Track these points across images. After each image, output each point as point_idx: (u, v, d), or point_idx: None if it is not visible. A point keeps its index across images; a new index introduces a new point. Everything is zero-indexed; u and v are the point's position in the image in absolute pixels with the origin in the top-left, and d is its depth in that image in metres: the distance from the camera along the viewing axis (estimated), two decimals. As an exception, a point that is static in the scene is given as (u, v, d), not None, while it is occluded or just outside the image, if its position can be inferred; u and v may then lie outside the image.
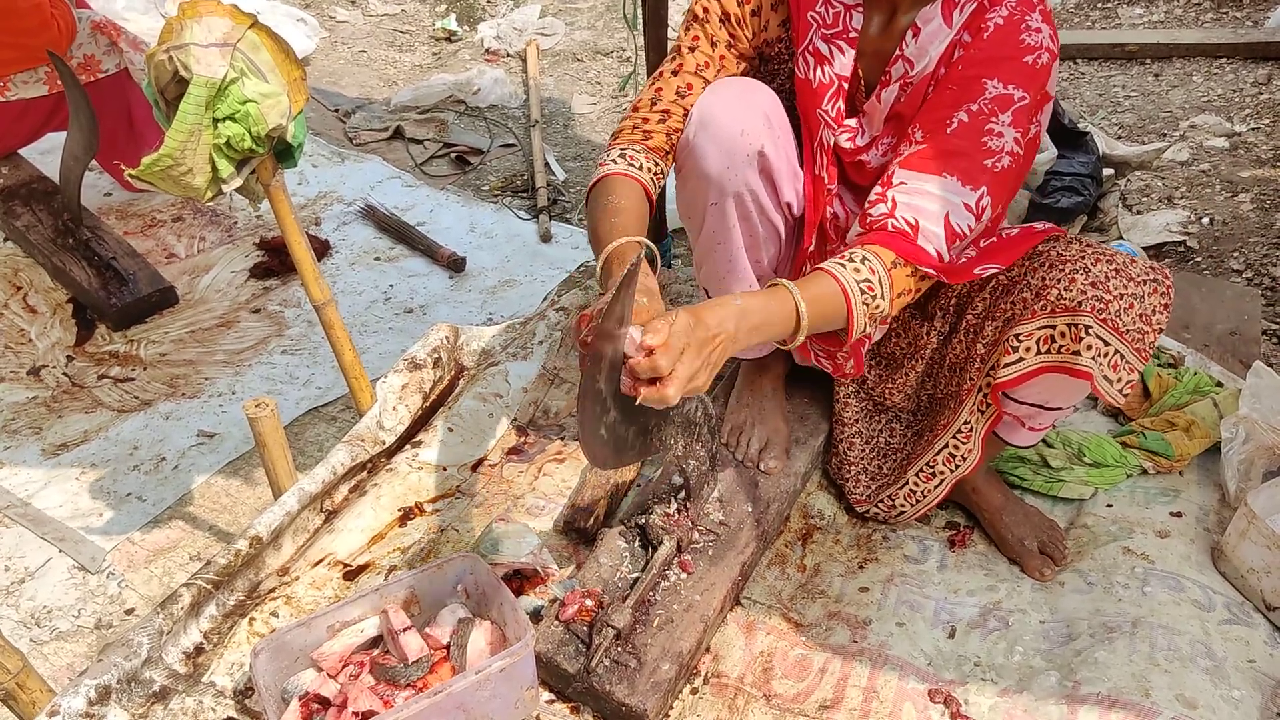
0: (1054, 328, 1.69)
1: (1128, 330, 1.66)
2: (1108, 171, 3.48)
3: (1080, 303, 1.66)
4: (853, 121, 1.81)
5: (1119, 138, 3.92)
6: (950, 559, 2.02)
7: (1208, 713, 1.65)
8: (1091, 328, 1.65)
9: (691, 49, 1.83)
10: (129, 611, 2.09)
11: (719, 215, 1.84)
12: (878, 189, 1.69)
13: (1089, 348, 1.65)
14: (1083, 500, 2.12)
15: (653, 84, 1.85)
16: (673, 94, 1.82)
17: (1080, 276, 1.67)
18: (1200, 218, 3.35)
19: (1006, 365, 1.74)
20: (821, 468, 2.21)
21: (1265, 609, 1.86)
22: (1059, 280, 1.68)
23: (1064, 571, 1.97)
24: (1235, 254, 3.14)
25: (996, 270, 1.73)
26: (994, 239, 1.80)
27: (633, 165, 1.78)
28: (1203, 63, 4.41)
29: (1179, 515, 2.04)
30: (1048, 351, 1.70)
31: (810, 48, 1.76)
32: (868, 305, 1.58)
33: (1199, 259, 3.15)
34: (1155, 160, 3.62)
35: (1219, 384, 2.30)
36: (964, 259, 1.74)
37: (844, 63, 1.75)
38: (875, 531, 2.09)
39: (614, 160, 1.78)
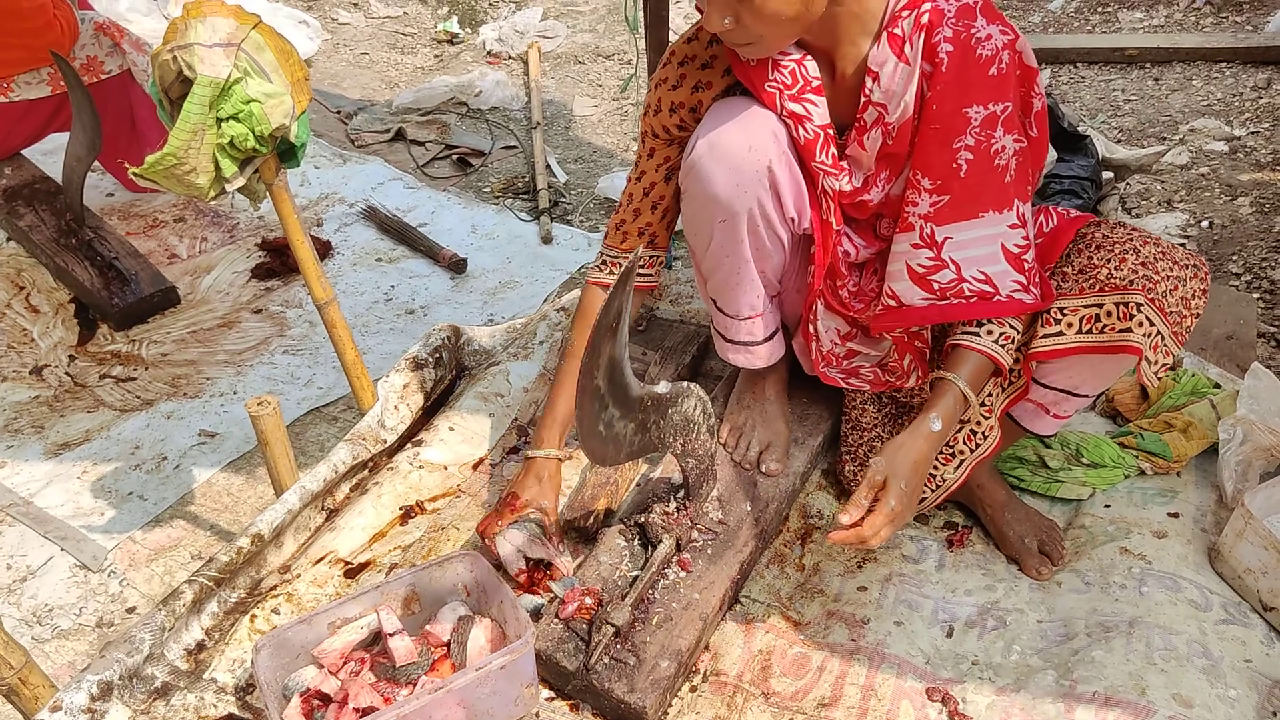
0: (1100, 306, 1.71)
1: (1171, 312, 1.69)
2: (1107, 175, 3.49)
3: (1131, 281, 1.68)
4: (843, 163, 1.82)
5: (1118, 141, 3.93)
6: (948, 559, 2.03)
7: (1204, 711, 1.65)
8: (1142, 306, 1.67)
9: (650, 157, 1.97)
10: (130, 610, 2.10)
11: (728, 231, 1.85)
12: (928, 254, 1.73)
13: (1140, 325, 1.68)
14: (1080, 501, 2.13)
15: (623, 195, 2.02)
16: (640, 195, 1.99)
17: (1131, 257, 1.70)
18: (1199, 221, 3.35)
19: (1046, 336, 1.77)
20: (822, 466, 2.22)
21: (1262, 609, 1.86)
22: (1108, 260, 1.72)
23: (1061, 571, 1.97)
24: (1234, 257, 3.15)
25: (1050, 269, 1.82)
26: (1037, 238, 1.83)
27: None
28: (1202, 67, 4.41)
29: (1176, 516, 2.05)
30: (1089, 332, 1.73)
31: (787, 113, 1.77)
32: (1007, 349, 1.74)
33: (1198, 262, 3.16)
34: (1155, 164, 3.63)
35: (1217, 385, 2.30)
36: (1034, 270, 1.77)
37: (821, 113, 1.77)
38: (874, 531, 2.09)
39: (600, 266, 2.07)
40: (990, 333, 1.72)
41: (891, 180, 1.80)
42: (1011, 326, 1.74)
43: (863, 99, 1.72)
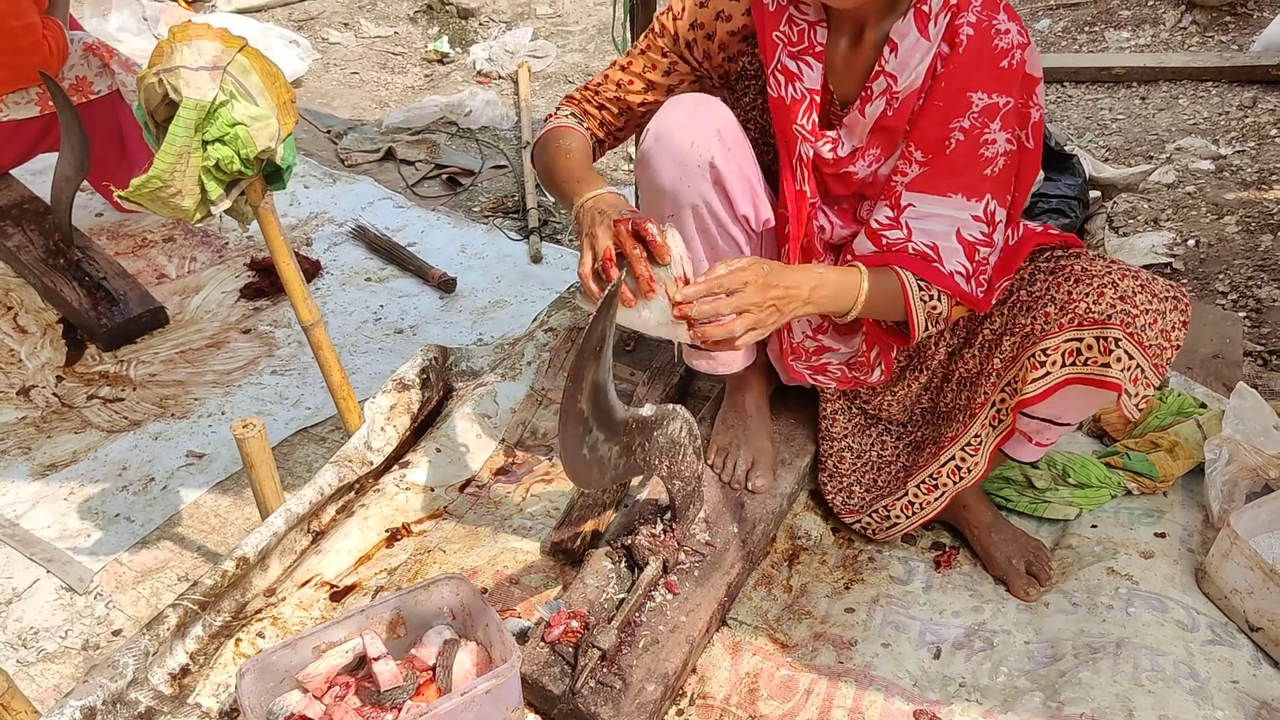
0: (1081, 340, 1.71)
1: (1150, 345, 1.69)
2: (1094, 194, 3.51)
3: (1110, 316, 1.68)
4: (832, 133, 1.83)
5: (1106, 160, 3.94)
6: (936, 580, 2.03)
7: (1191, 733, 1.66)
8: (1121, 340, 1.67)
9: (643, 52, 1.92)
10: (116, 632, 2.09)
11: (677, 227, 1.84)
12: (888, 213, 1.76)
13: (1118, 360, 1.68)
14: (1067, 521, 2.13)
15: (604, 72, 1.96)
16: (612, 88, 1.94)
17: (1109, 291, 1.70)
18: (1186, 240, 3.37)
19: (1033, 381, 1.76)
20: (809, 487, 2.22)
21: (1248, 629, 1.87)
22: (1086, 294, 1.71)
23: (1049, 592, 1.97)
24: (1220, 276, 3.16)
25: (1010, 283, 1.84)
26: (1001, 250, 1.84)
27: (581, 124, 1.95)
28: (1189, 86, 4.44)
29: (1163, 536, 2.05)
30: (1073, 364, 1.73)
31: (779, 66, 1.78)
32: (925, 303, 1.73)
33: (1185, 281, 3.17)
34: (1141, 183, 3.65)
35: (1203, 405, 2.31)
36: (984, 269, 1.78)
37: (813, 77, 1.78)
38: (861, 552, 2.09)
39: (566, 116, 1.95)
40: (922, 287, 1.73)
41: (881, 159, 1.81)
42: (943, 303, 1.74)
43: (876, 68, 1.74)
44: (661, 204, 1.84)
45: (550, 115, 1.97)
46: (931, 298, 1.73)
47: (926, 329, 1.76)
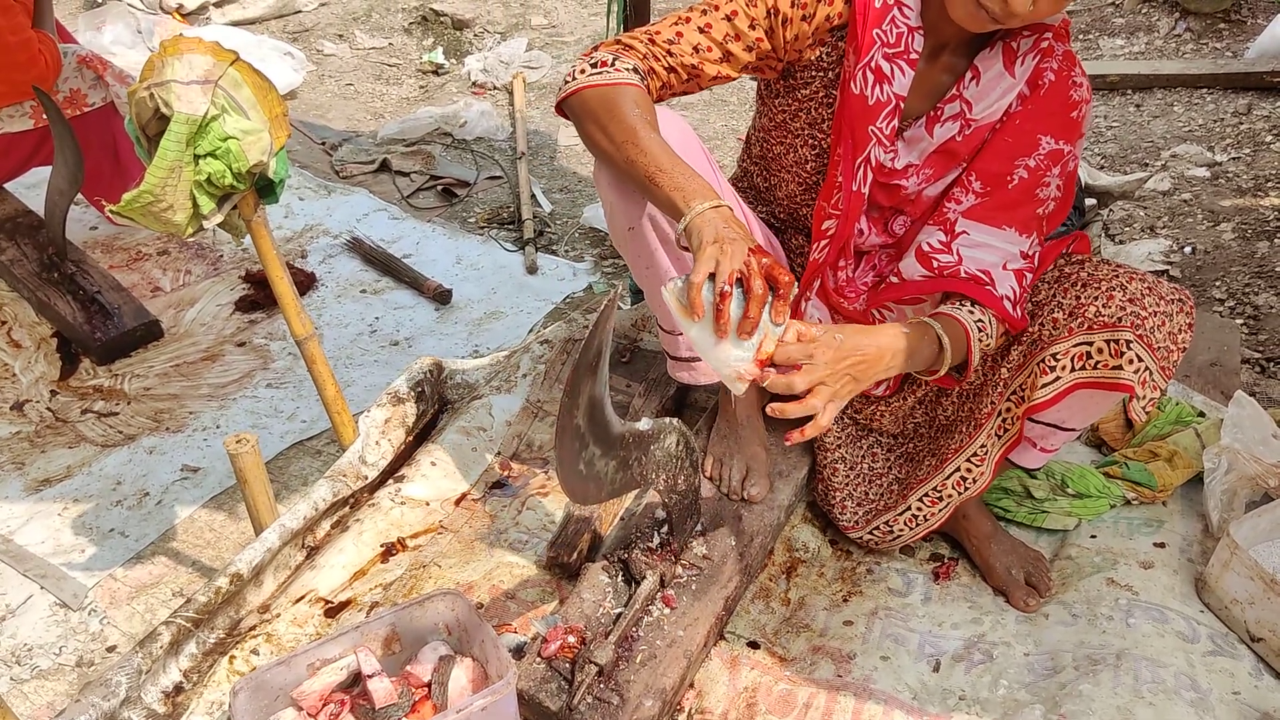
0: (1090, 344, 1.71)
1: (1159, 347, 1.69)
2: (1090, 201, 3.50)
3: (1120, 318, 1.68)
4: (898, 144, 1.83)
5: (1101, 168, 3.94)
6: (934, 591, 2.02)
7: (1192, 746, 1.65)
8: (1132, 343, 1.67)
9: (728, 18, 1.73)
10: (111, 649, 2.08)
11: (639, 239, 1.83)
12: (940, 237, 1.78)
13: (1130, 362, 1.68)
14: (1066, 531, 2.12)
15: (673, 25, 1.74)
16: (689, 51, 1.73)
17: (1118, 294, 1.70)
18: (1182, 247, 3.37)
19: (1044, 386, 1.75)
20: (807, 499, 2.21)
21: (1249, 640, 1.86)
22: (1095, 298, 1.71)
23: (1048, 603, 1.97)
24: (1217, 283, 3.16)
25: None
26: None
27: (643, 82, 1.70)
28: (1183, 93, 4.45)
29: (1162, 546, 2.04)
30: (1082, 368, 1.73)
31: (872, 64, 1.73)
32: (981, 342, 1.72)
33: (1181, 288, 3.17)
34: (1137, 190, 3.64)
35: (1201, 414, 2.30)
36: (1025, 298, 1.80)
37: (903, 83, 1.75)
38: (859, 564, 2.08)
39: (629, 71, 1.68)
40: (972, 313, 1.72)
41: (931, 180, 1.83)
42: (990, 328, 1.72)
43: (952, 91, 1.76)
44: (620, 219, 1.81)
45: (592, 53, 1.71)
46: (983, 334, 1.72)
47: (979, 359, 1.75)
